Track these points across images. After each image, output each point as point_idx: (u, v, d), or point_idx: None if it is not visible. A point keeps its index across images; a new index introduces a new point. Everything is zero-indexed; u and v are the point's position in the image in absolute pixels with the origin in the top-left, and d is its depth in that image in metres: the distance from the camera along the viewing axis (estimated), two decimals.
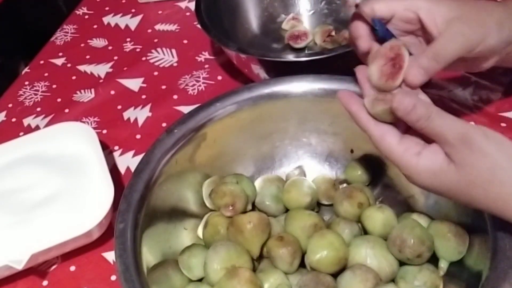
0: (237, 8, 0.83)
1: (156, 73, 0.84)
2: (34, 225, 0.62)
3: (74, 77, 0.86)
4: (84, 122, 0.78)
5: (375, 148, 0.46)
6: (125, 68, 0.86)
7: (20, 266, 0.57)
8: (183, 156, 0.59)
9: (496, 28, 0.49)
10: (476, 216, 0.48)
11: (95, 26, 0.95)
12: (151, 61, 0.86)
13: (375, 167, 0.62)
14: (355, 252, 0.52)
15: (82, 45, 0.92)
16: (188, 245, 0.57)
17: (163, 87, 0.82)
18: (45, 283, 0.62)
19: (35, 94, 0.85)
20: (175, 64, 0.85)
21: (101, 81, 0.85)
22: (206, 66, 0.84)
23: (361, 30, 0.51)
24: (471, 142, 0.40)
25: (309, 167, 0.65)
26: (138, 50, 0.89)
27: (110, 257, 0.63)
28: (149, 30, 0.92)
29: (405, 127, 0.45)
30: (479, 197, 0.41)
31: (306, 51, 0.82)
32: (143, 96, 0.81)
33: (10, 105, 0.84)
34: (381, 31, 0.49)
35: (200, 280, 0.55)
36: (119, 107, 0.80)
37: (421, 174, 0.43)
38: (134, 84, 0.83)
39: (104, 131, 0.77)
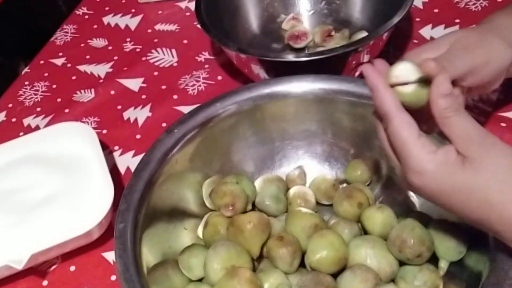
0: (237, 8, 0.83)
1: (156, 73, 0.84)
2: (34, 225, 0.62)
3: (74, 77, 0.86)
4: (84, 122, 0.78)
5: (379, 140, 0.45)
6: (125, 68, 0.86)
7: (20, 266, 0.57)
8: (183, 156, 0.59)
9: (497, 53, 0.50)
10: None
11: (95, 26, 0.95)
12: (151, 61, 0.86)
13: (375, 167, 0.62)
14: (355, 252, 0.52)
15: (82, 45, 0.92)
16: (188, 245, 0.57)
17: (163, 87, 0.82)
18: (45, 283, 0.62)
19: (35, 94, 0.85)
20: (175, 64, 0.85)
21: (101, 81, 0.85)
22: (206, 66, 0.84)
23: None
24: (494, 142, 0.41)
25: (309, 167, 0.65)
26: (138, 50, 0.89)
27: (110, 257, 0.63)
28: (149, 30, 0.92)
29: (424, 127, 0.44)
30: (494, 196, 0.39)
31: (306, 51, 0.82)
32: (143, 96, 0.81)
33: (10, 105, 0.84)
34: None
35: (200, 280, 0.55)
36: (119, 107, 0.80)
37: (434, 171, 0.41)
38: (134, 84, 0.83)
39: (104, 131, 0.77)
